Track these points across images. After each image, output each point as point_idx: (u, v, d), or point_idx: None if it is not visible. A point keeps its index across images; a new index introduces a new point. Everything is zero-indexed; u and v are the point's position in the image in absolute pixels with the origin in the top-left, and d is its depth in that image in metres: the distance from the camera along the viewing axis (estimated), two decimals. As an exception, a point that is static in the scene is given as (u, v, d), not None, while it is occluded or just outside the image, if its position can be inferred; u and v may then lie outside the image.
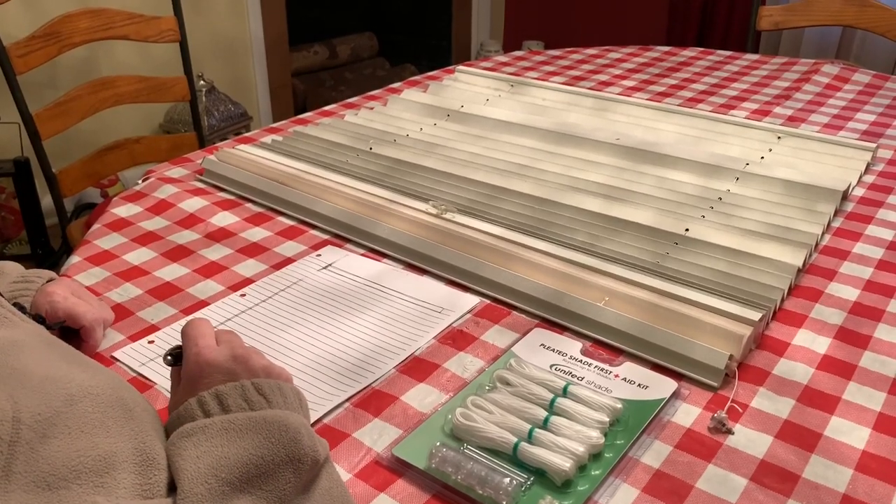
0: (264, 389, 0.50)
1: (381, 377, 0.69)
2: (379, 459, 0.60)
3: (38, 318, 0.65)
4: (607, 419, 0.62)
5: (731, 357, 0.69)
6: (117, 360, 0.72)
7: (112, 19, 1.56)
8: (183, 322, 0.73)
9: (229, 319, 0.78)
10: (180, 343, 0.55)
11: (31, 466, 0.39)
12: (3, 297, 0.53)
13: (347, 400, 0.67)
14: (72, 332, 0.70)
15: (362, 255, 0.90)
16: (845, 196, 1.02)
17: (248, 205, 1.02)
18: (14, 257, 2.15)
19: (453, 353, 0.73)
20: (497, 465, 0.58)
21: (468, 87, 1.44)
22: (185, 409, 0.49)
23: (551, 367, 0.70)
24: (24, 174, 2.09)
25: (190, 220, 0.97)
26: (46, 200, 2.10)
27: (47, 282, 0.71)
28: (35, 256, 2.16)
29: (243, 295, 0.82)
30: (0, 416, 0.39)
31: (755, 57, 1.74)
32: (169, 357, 0.56)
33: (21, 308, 0.63)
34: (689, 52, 1.78)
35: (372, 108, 1.34)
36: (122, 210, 1.00)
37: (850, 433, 0.63)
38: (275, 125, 1.31)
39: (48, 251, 2.18)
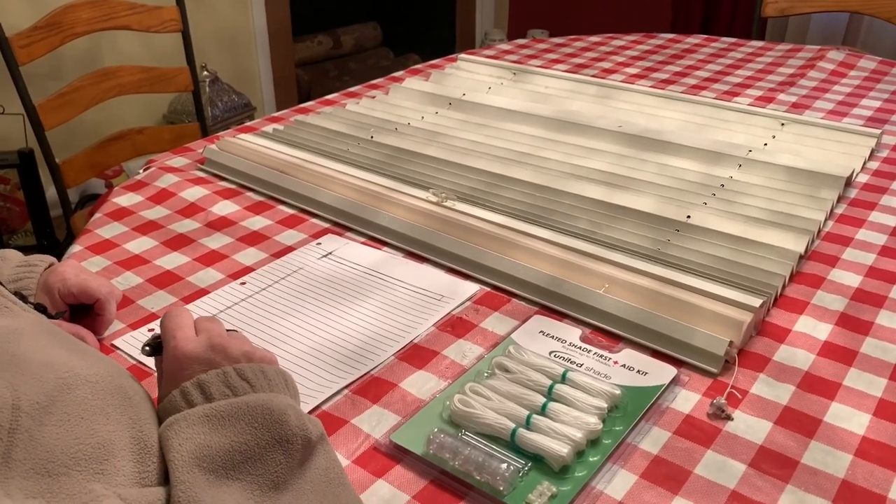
0: (247, 374, 0.50)
1: (381, 364, 0.69)
2: (377, 445, 0.60)
3: (39, 308, 0.65)
4: (606, 405, 0.62)
5: (730, 343, 0.69)
6: (117, 347, 0.72)
7: (114, 9, 1.56)
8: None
9: (229, 308, 0.78)
10: (159, 332, 0.55)
11: (30, 454, 0.39)
12: (3, 286, 0.53)
13: (346, 387, 0.67)
14: (82, 314, 0.70)
15: (362, 243, 0.90)
16: (849, 182, 1.02)
17: (249, 194, 1.02)
18: (19, 248, 2.16)
19: (452, 340, 0.73)
20: (495, 451, 0.58)
21: (470, 76, 1.44)
22: (168, 402, 0.49)
23: (550, 353, 0.70)
24: (28, 165, 2.10)
25: (191, 209, 0.98)
26: (51, 191, 2.10)
27: (49, 267, 0.71)
28: (40, 247, 2.17)
29: (243, 283, 0.82)
30: (0, 404, 0.40)
31: (760, 44, 1.73)
32: (147, 347, 0.55)
33: (22, 297, 0.63)
34: (693, 40, 1.77)
35: (373, 97, 1.34)
36: (124, 199, 1.00)
37: (849, 419, 0.63)
38: (276, 114, 1.31)
39: (53, 242, 2.19)
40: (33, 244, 2.17)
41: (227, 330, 0.56)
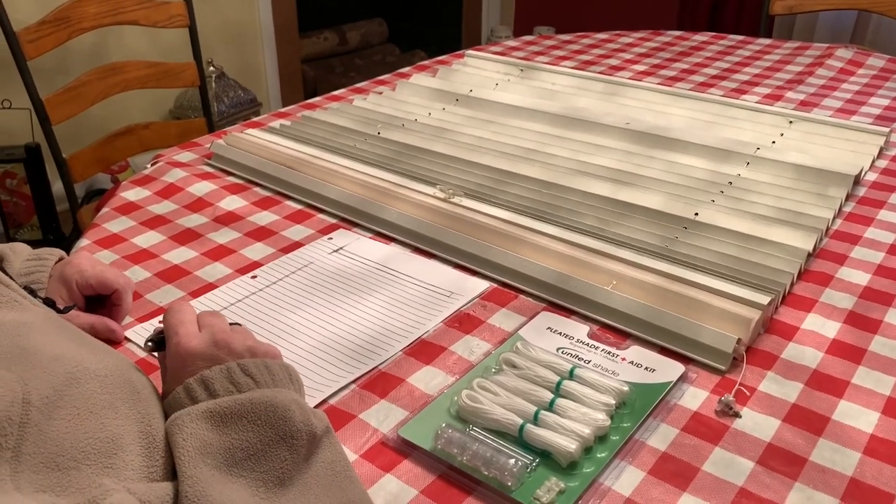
0: (250, 370, 0.50)
1: (389, 359, 0.70)
2: (385, 440, 0.60)
3: (48, 302, 0.66)
4: (613, 402, 0.62)
5: (738, 341, 0.68)
6: (128, 339, 0.72)
7: (121, 4, 1.56)
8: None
9: (239, 301, 0.78)
10: (162, 327, 0.55)
11: (40, 448, 0.39)
12: (14, 281, 0.54)
13: (354, 381, 0.67)
14: (96, 305, 0.71)
15: (371, 238, 0.90)
16: (857, 181, 1.01)
17: (257, 189, 1.02)
18: (26, 242, 2.16)
19: (460, 336, 0.73)
20: (502, 447, 0.58)
21: (477, 72, 1.43)
22: (173, 399, 0.49)
23: (558, 350, 0.70)
24: (35, 160, 2.10)
25: (198, 204, 0.98)
26: (57, 186, 2.11)
27: (59, 260, 0.71)
28: (46, 241, 2.17)
29: (254, 277, 0.82)
30: (11, 398, 0.40)
31: (768, 41, 1.72)
32: (150, 343, 0.55)
33: (31, 292, 0.63)
34: (700, 37, 1.77)
35: (381, 93, 1.34)
36: (131, 194, 1.01)
37: (858, 417, 0.63)
38: (283, 110, 1.32)
39: (59, 236, 2.19)
40: (39, 238, 2.18)
41: (231, 324, 0.56)
